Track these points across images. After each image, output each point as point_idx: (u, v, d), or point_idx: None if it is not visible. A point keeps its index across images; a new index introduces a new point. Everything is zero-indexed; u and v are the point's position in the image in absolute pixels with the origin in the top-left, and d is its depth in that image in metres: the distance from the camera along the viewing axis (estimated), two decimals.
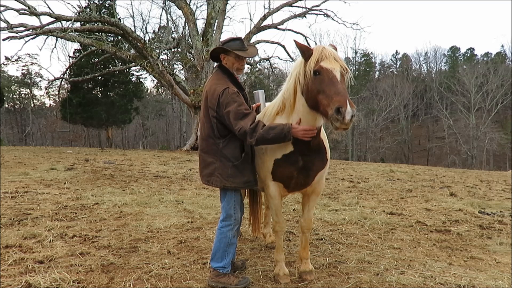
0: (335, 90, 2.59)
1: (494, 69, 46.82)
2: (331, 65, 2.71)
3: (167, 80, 19.94)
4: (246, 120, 2.93)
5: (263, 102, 3.84)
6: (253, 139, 2.90)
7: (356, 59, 57.26)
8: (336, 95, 2.56)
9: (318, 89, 2.70)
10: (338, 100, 2.52)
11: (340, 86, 2.61)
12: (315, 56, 2.75)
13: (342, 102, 2.49)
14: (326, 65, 2.70)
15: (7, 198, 6.38)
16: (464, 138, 45.16)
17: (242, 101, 3.04)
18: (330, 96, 2.59)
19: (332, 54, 2.75)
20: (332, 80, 2.64)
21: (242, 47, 3.19)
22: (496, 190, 9.26)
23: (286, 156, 3.10)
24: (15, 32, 16.62)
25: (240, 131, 2.93)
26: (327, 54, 2.74)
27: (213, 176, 3.18)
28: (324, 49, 2.77)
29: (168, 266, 3.65)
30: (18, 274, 3.34)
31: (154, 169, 11.10)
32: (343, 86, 2.63)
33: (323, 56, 2.74)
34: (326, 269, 3.68)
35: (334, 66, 2.70)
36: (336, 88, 2.60)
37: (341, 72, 2.72)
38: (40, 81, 51.43)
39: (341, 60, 2.78)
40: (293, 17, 22.80)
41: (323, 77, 2.69)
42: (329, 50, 2.77)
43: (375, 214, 5.98)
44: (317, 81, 2.72)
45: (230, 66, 3.22)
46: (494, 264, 3.96)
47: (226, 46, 3.18)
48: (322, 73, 2.69)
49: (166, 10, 22.37)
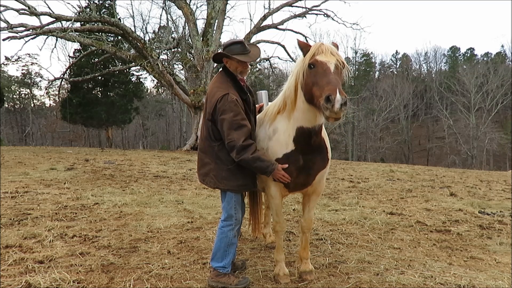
0: (326, 80, 2.62)
1: (494, 69, 46.83)
2: (326, 58, 2.73)
3: (167, 80, 19.93)
4: (240, 133, 2.93)
5: (266, 102, 3.85)
6: (239, 156, 2.93)
7: (356, 59, 57.30)
8: (327, 85, 2.58)
9: (313, 81, 2.73)
10: (329, 88, 2.54)
11: (332, 77, 2.63)
12: (312, 51, 2.79)
13: (332, 90, 2.50)
14: (321, 58, 2.74)
15: (7, 198, 6.38)
16: (464, 138, 45.16)
17: (240, 111, 3.00)
18: (322, 86, 2.62)
19: (329, 49, 2.78)
20: (326, 72, 2.67)
21: (243, 51, 3.15)
22: (496, 190, 9.25)
23: (287, 155, 3.10)
24: (15, 32, 16.61)
25: (230, 143, 2.95)
26: (324, 49, 2.78)
27: (208, 176, 3.21)
28: (322, 45, 2.81)
29: (168, 266, 3.65)
30: (18, 274, 3.34)
31: (154, 169, 11.10)
32: (335, 77, 2.64)
33: (319, 50, 2.77)
34: (326, 269, 3.68)
35: (329, 59, 2.73)
36: (328, 78, 2.62)
37: (336, 64, 2.73)
38: (40, 81, 51.49)
39: (338, 55, 2.79)
40: (293, 17, 22.80)
41: (317, 69, 2.72)
42: (327, 46, 2.81)
43: (375, 214, 5.98)
44: (312, 74, 2.75)
45: (234, 69, 3.20)
46: (494, 264, 3.96)
47: (227, 50, 3.15)
48: (317, 65, 2.73)
49: (166, 10, 22.38)
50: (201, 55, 20.13)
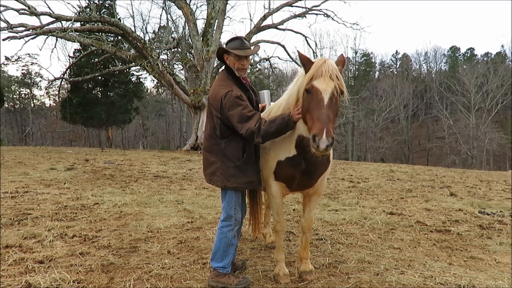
0: (318, 115, 2.56)
1: (494, 69, 46.83)
2: (323, 85, 2.64)
3: (167, 80, 19.93)
4: (251, 121, 2.94)
5: (268, 102, 3.85)
6: (259, 135, 2.91)
7: (356, 59, 57.26)
8: (317, 121, 2.54)
9: (307, 107, 2.70)
10: (316, 127, 2.51)
11: (324, 111, 2.56)
12: (311, 72, 2.70)
13: (319, 131, 2.48)
14: (318, 84, 2.64)
15: (7, 198, 6.38)
16: (464, 138, 45.16)
17: (246, 104, 3.02)
18: (313, 119, 2.59)
19: (329, 72, 2.65)
20: (319, 103, 2.60)
21: (241, 46, 3.18)
22: (496, 190, 9.25)
23: (289, 159, 3.11)
24: (15, 32, 16.60)
25: (247, 132, 2.93)
26: (324, 70, 2.65)
27: (215, 175, 3.20)
28: (323, 64, 2.68)
29: (168, 266, 3.65)
30: (18, 274, 3.34)
31: (154, 169, 11.10)
32: (327, 112, 2.56)
33: (318, 73, 2.66)
34: (326, 269, 3.68)
35: (325, 87, 2.63)
36: (319, 113, 2.56)
37: (333, 93, 2.63)
38: (40, 81, 51.50)
39: (338, 79, 2.67)
40: (293, 17, 22.80)
41: (312, 96, 2.66)
42: (328, 66, 2.67)
43: (375, 214, 5.98)
44: (307, 99, 2.72)
45: (232, 66, 3.23)
46: (494, 264, 3.96)
47: (227, 46, 3.20)
48: (313, 92, 2.66)
49: (166, 10, 22.38)
50: (201, 55, 20.13)
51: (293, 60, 24.08)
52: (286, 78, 55.21)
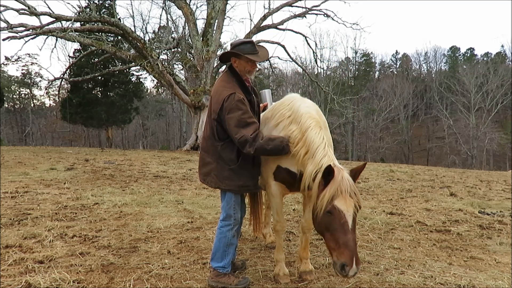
0: (344, 241, 2.48)
1: (494, 69, 46.81)
2: (345, 205, 2.55)
3: (167, 80, 19.92)
4: (249, 129, 2.93)
5: (270, 101, 3.85)
6: (251, 148, 2.91)
7: (356, 59, 57.33)
8: (344, 248, 2.47)
9: (327, 227, 2.59)
10: (345, 256, 2.45)
11: (350, 237, 2.49)
12: (330, 192, 2.57)
13: (349, 260, 2.43)
14: (340, 205, 2.55)
15: (7, 198, 6.38)
16: (464, 138, 45.17)
17: (247, 109, 3.01)
18: (339, 244, 2.50)
19: (348, 190, 2.58)
20: (343, 227, 2.51)
21: (253, 50, 3.16)
22: (496, 190, 9.25)
23: (288, 169, 3.14)
24: (15, 32, 16.58)
25: (240, 139, 2.92)
26: (343, 189, 2.57)
27: (209, 176, 3.22)
28: (342, 182, 2.59)
29: (168, 266, 3.65)
30: (18, 274, 3.34)
31: (154, 169, 11.10)
32: (353, 237, 2.51)
33: (338, 192, 2.57)
34: (326, 269, 3.68)
35: (348, 208, 2.55)
36: (346, 239, 2.48)
37: (354, 212, 2.58)
38: (40, 81, 51.51)
39: (356, 195, 2.62)
40: (293, 17, 22.79)
41: (334, 218, 2.55)
42: (347, 184, 2.60)
43: (375, 214, 5.98)
44: (327, 218, 2.59)
45: (242, 69, 3.20)
46: (494, 264, 3.96)
47: (237, 49, 3.14)
48: (334, 214, 2.56)
49: (166, 10, 22.38)
50: (201, 55, 20.13)
51: (293, 60, 24.09)
52: (286, 78, 55.24)
